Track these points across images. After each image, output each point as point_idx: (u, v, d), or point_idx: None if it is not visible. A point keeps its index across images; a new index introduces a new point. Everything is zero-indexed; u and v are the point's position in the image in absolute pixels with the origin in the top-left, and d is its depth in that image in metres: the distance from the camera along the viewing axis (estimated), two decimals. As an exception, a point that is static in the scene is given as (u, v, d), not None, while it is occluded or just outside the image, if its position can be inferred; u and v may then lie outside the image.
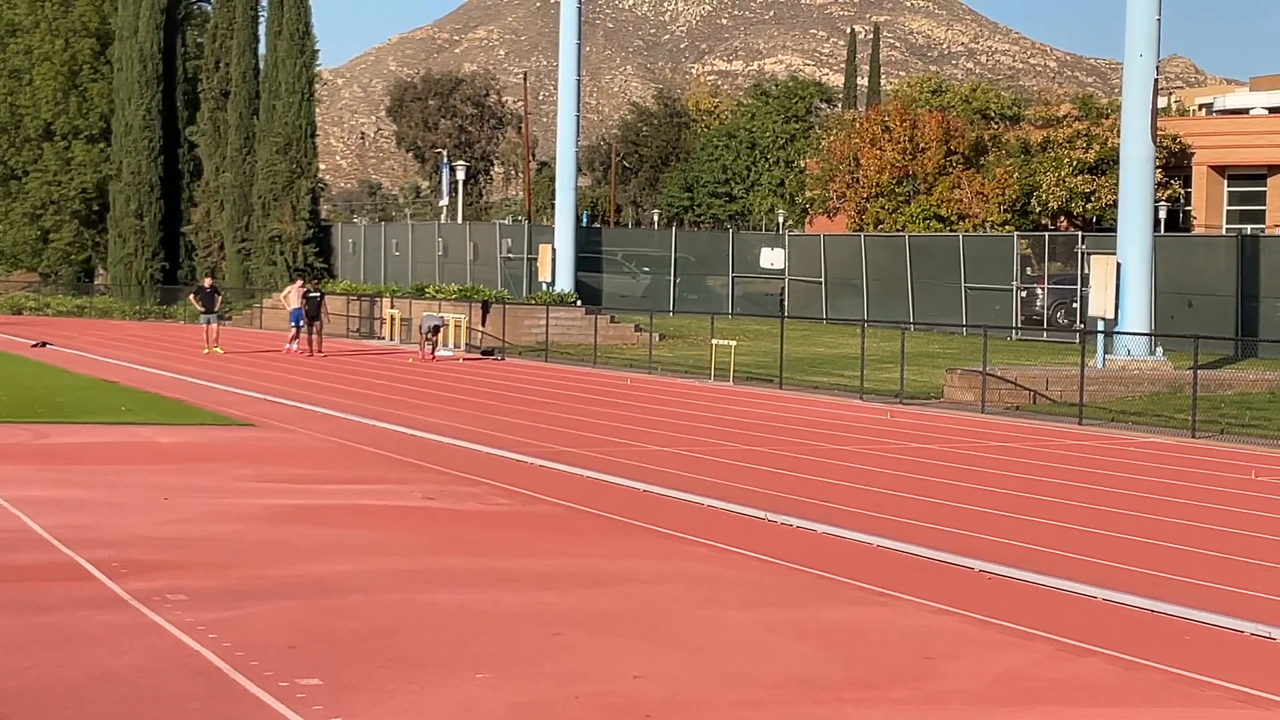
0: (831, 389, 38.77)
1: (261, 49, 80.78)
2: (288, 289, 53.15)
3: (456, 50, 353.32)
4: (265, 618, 12.81)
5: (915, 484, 22.06)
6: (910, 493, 21.14)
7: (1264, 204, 76.89)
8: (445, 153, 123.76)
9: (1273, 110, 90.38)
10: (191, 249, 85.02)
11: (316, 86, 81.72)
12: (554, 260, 60.63)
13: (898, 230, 67.30)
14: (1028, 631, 13.01)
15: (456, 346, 53.24)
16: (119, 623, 12.52)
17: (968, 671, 11.68)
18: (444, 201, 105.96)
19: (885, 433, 29.34)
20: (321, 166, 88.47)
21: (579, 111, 62.30)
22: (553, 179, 71.07)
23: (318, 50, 79.67)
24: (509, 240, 69.41)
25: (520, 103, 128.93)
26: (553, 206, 66.30)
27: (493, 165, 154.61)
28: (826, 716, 10.39)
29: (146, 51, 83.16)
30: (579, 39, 61.69)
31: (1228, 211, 77.93)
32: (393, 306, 60.90)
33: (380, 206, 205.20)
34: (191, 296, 54.61)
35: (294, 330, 50.77)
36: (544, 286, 60.45)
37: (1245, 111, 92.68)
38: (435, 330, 49.07)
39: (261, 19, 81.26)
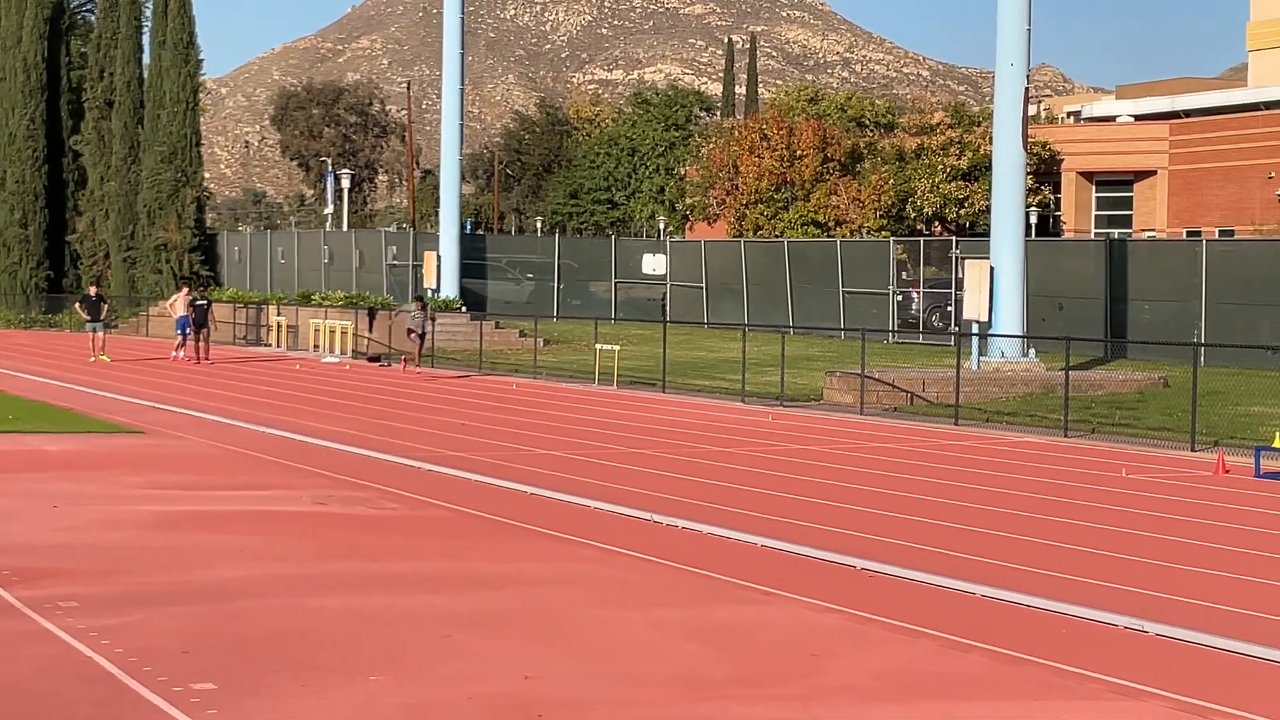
0: (713, 392, 38.89)
1: (146, 58, 79.91)
2: (174, 297, 52.66)
3: (340, 60, 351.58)
4: (158, 623, 12.70)
5: (797, 485, 22.17)
6: (793, 493, 21.25)
7: (1130, 209, 77.96)
8: (330, 161, 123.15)
9: (1138, 118, 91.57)
10: (77, 258, 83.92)
11: (201, 96, 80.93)
12: (439, 267, 60.42)
13: (776, 236, 67.56)
14: (909, 628, 13.11)
15: (343, 353, 52.97)
16: (10, 630, 12.36)
17: (851, 668, 11.76)
18: (329, 209, 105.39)
19: (767, 435, 29.46)
20: (206, 175, 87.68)
21: (462, 120, 62.12)
22: (437, 187, 70.81)
23: (202, 60, 78.89)
24: (394, 247, 69.11)
25: (404, 111, 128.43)
26: (437, 214, 66.03)
27: (377, 173, 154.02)
28: (714, 714, 10.42)
29: (30, 61, 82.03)
30: (462, 48, 61.53)
31: (1096, 216, 78.90)
32: (279, 314, 60.49)
33: (265, 215, 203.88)
34: (77, 305, 54.00)
35: (181, 338, 50.32)
36: (429, 293, 60.22)
37: (1112, 119, 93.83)
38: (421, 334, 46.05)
39: (146, 29, 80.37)
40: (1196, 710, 10.70)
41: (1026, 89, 38.66)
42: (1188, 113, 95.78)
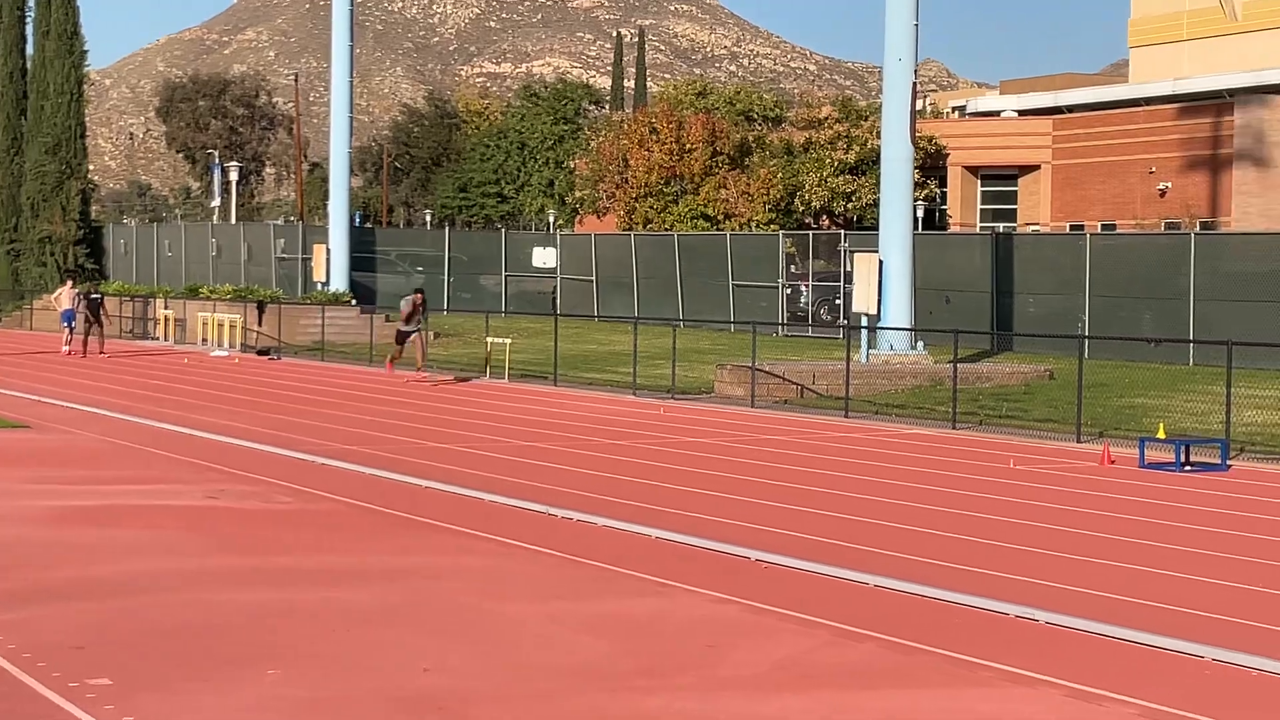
0: (605, 385, 38.94)
1: (29, 49, 78.88)
2: (59, 290, 52.11)
3: (226, 51, 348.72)
4: (51, 619, 12.59)
5: (690, 477, 22.25)
6: (686, 486, 21.32)
7: (1015, 203, 78.70)
8: (216, 153, 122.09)
9: (1022, 113, 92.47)
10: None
11: (85, 87, 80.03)
12: (328, 260, 60.11)
13: (666, 229, 67.73)
14: (804, 618, 13.20)
15: (232, 347, 52.60)
16: (-98, 628, 12.22)
17: (748, 658, 11.83)
18: (216, 202, 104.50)
19: (659, 428, 29.53)
20: (91, 167, 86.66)
21: (351, 112, 61.81)
22: (325, 180, 70.57)
23: (86, 50, 78.03)
24: (283, 240, 68.67)
25: (291, 104, 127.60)
26: (326, 207, 65.72)
27: (264, 166, 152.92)
28: (613, 705, 10.46)
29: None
30: (350, 40, 61.19)
31: (981, 210, 79.60)
32: (166, 307, 59.98)
33: (150, 207, 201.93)
34: (-39, 299, 53.32)
35: (68, 332, 49.77)
36: (319, 286, 59.91)
37: (996, 114, 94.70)
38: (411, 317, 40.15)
39: (29, 19, 79.35)
40: (1087, 697, 10.85)
41: (914, 84, 38.94)
42: (1070, 108, 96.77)
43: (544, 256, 67.60)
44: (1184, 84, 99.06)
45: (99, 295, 50.67)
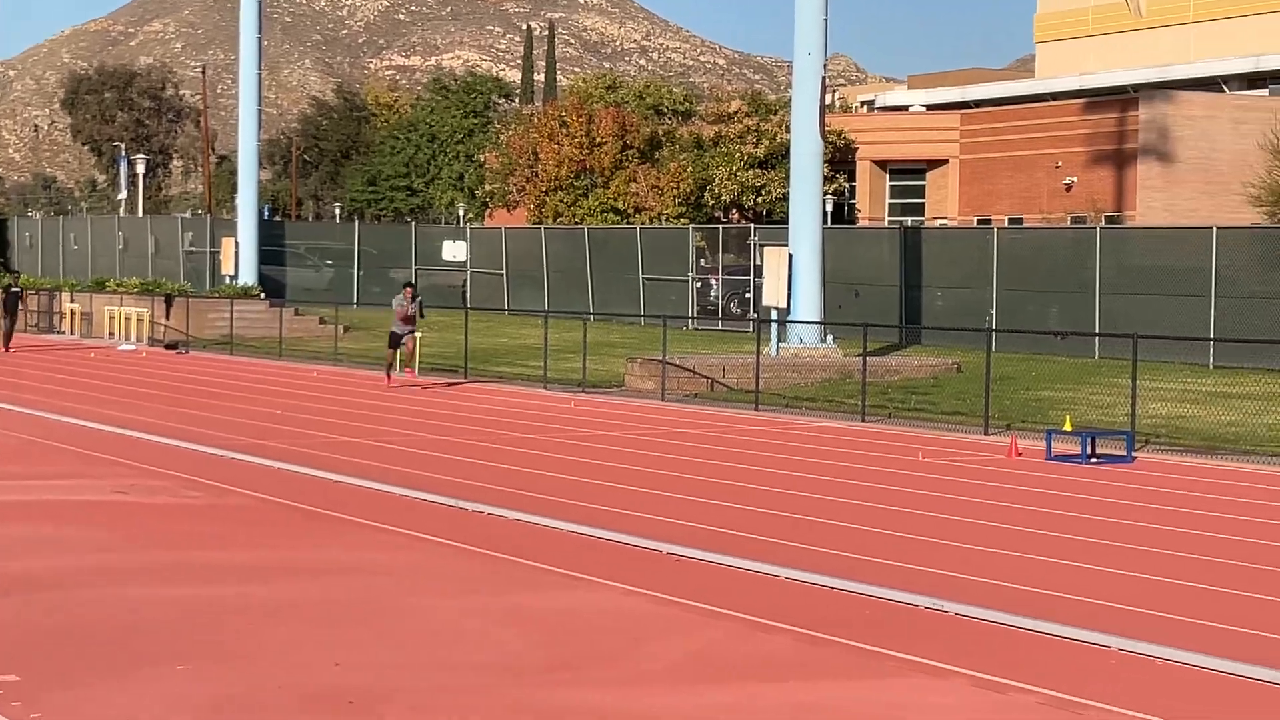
0: (516, 379, 38.92)
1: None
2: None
3: (132, 43, 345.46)
4: (-40, 617, 12.48)
5: (602, 471, 22.29)
6: (598, 479, 21.36)
7: (923, 197, 79.16)
8: (123, 146, 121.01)
9: (930, 108, 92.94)
10: None
11: (-10, 79, 79.19)
12: (237, 253, 59.69)
13: (576, 223, 67.67)
14: (717, 611, 13.27)
15: (139, 341, 52.19)
16: None
17: (662, 651, 11.88)
18: (123, 195, 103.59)
19: (570, 421, 29.55)
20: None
21: (259, 105, 61.39)
22: (233, 173, 69.96)
23: (-10, 42, 77.17)
24: (191, 234, 68.16)
25: (198, 96, 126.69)
26: (234, 200, 65.22)
27: (172, 159, 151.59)
28: (529, 699, 10.49)
29: None
30: (259, 32, 60.77)
31: (890, 204, 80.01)
32: (73, 301, 59.44)
33: (55, 200, 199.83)
34: None
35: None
36: (227, 280, 59.50)
37: (905, 109, 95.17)
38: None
39: (-69, 10, 78.44)
40: (995, 686, 10.97)
41: (823, 78, 39.08)
42: (978, 103, 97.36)
43: (454, 250, 67.42)
44: (1090, 79, 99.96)
45: (19, 289, 50.19)
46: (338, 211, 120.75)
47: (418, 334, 37.09)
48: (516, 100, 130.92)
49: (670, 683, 10.99)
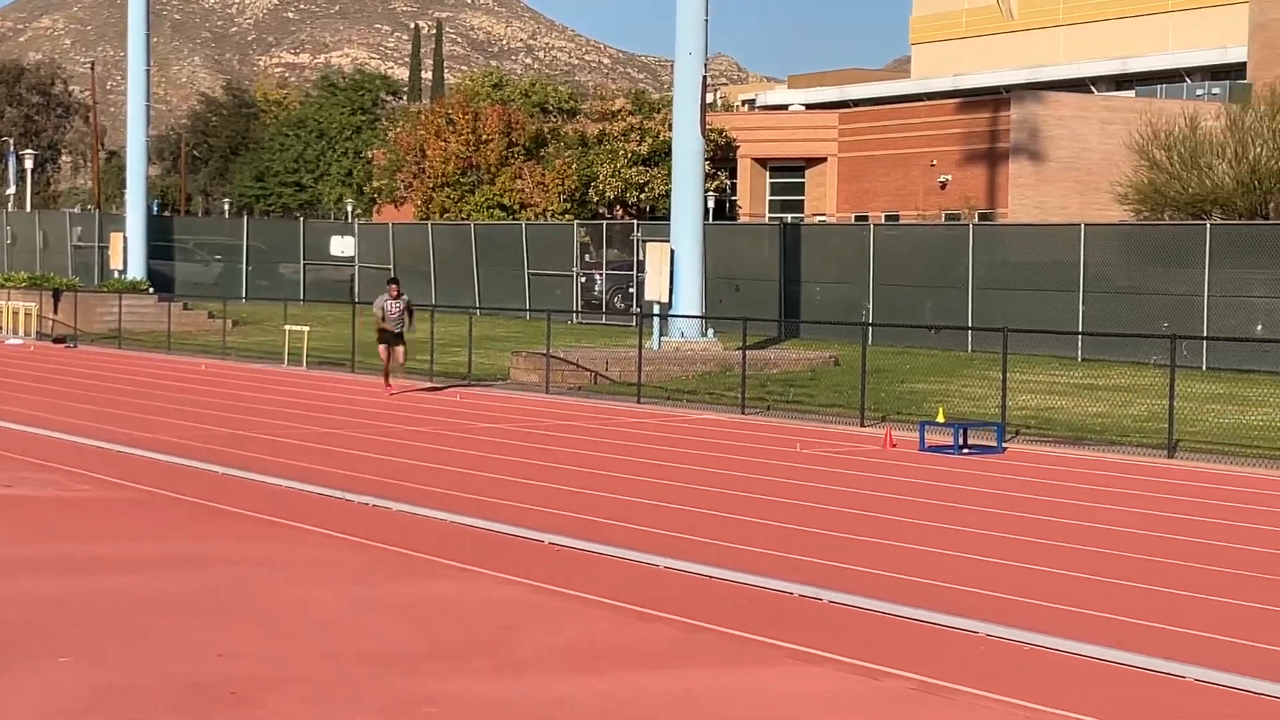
0: (402, 372, 38.67)
1: None
2: None
3: (21, 39, 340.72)
4: None
5: (485, 462, 22.22)
6: (481, 471, 21.29)
7: (802, 194, 79.53)
8: (11, 141, 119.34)
9: (809, 107, 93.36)
10: None
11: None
12: (125, 248, 59.02)
13: (463, 219, 67.41)
14: (595, 600, 13.25)
15: (27, 335, 51.50)
16: None
17: (541, 640, 11.85)
18: (11, 190, 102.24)
19: (455, 414, 29.43)
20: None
21: (148, 101, 60.70)
22: (122, 168, 69.07)
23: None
24: (80, 228, 67.40)
25: (87, 92, 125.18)
26: (123, 195, 64.42)
27: (61, 154, 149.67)
28: (408, 688, 10.43)
29: None
30: (147, 29, 60.09)
31: (770, 201, 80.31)
32: (-40, 295, 58.53)
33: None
34: None
35: None
36: (116, 274, 58.82)
37: (784, 108, 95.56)
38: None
39: None
40: (867, 672, 11.02)
41: (704, 78, 39.15)
42: (856, 102, 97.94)
43: (342, 245, 67.03)
44: (963, 80, 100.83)
45: None
46: (227, 207, 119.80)
47: (401, 346, 33.53)
48: (404, 98, 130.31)
49: (548, 671, 10.96)
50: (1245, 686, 10.71)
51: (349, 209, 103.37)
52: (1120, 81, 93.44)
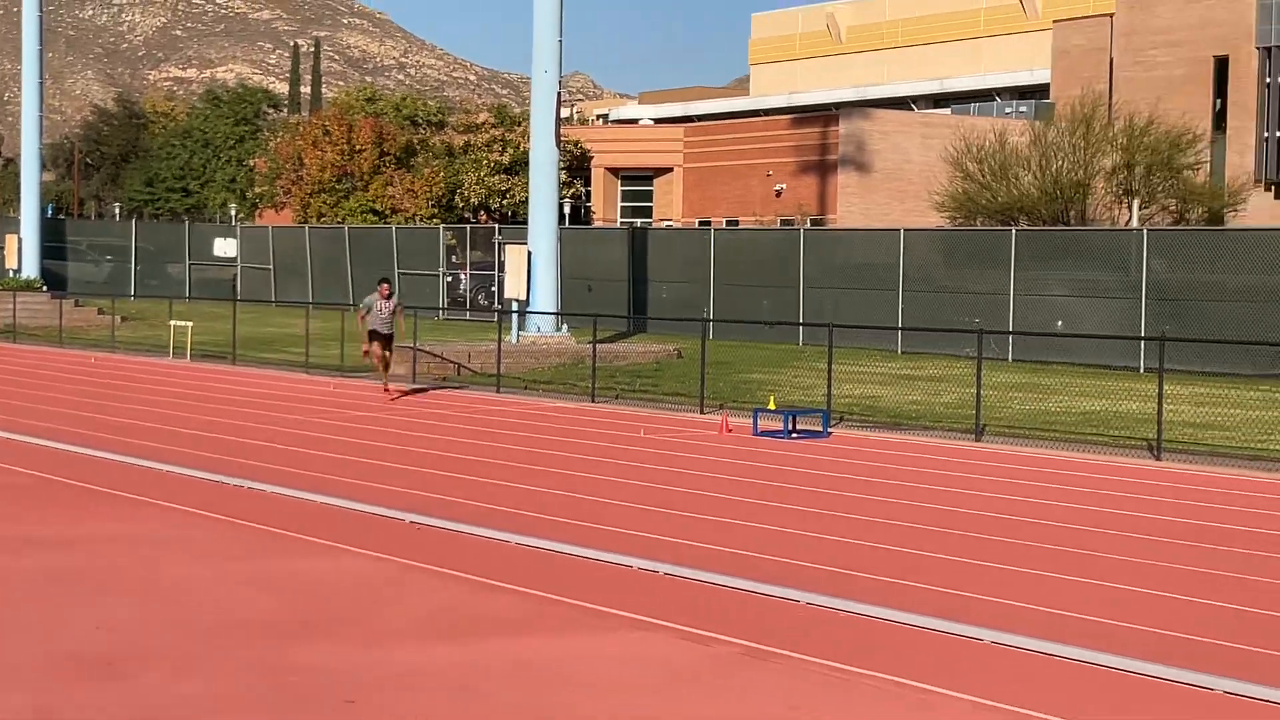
0: (280, 365, 38.30)
1: None
2: None
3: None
4: None
5: (355, 447, 22.05)
6: (350, 455, 21.13)
7: (651, 201, 79.68)
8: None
9: (658, 121, 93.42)
10: None
11: None
12: (20, 249, 58.00)
13: (338, 223, 66.88)
14: (453, 574, 13.21)
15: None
16: None
17: (402, 612, 11.80)
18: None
19: (329, 402, 29.18)
20: None
21: (42, 111, 59.63)
22: (18, 174, 67.78)
23: None
24: (-23, 231, 66.07)
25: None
26: (19, 200, 63.17)
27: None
28: (274, 657, 10.34)
29: None
30: (40, 44, 59.01)
31: (621, 207, 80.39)
32: None
33: None
34: None
35: None
36: (11, 273, 57.75)
37: (635, 122, 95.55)
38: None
39: None
40: (700, 639, 11.07)
41: (559, 94, 39.09)
42: (700, 117, 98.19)
43: (225, 247, 66.24)
44: (797, 98, 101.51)
45: None
46: (117, 210, 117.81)
47: (390, 350, 30.42)
48: (284, 110, 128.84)
49: (409, 640, 10.91)
50: (1019, 644, 10.89)
51: (232, 213, 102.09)
52: (938, 100, 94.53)
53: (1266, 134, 62.84)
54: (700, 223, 71.64)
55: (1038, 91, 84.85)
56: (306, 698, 9.41)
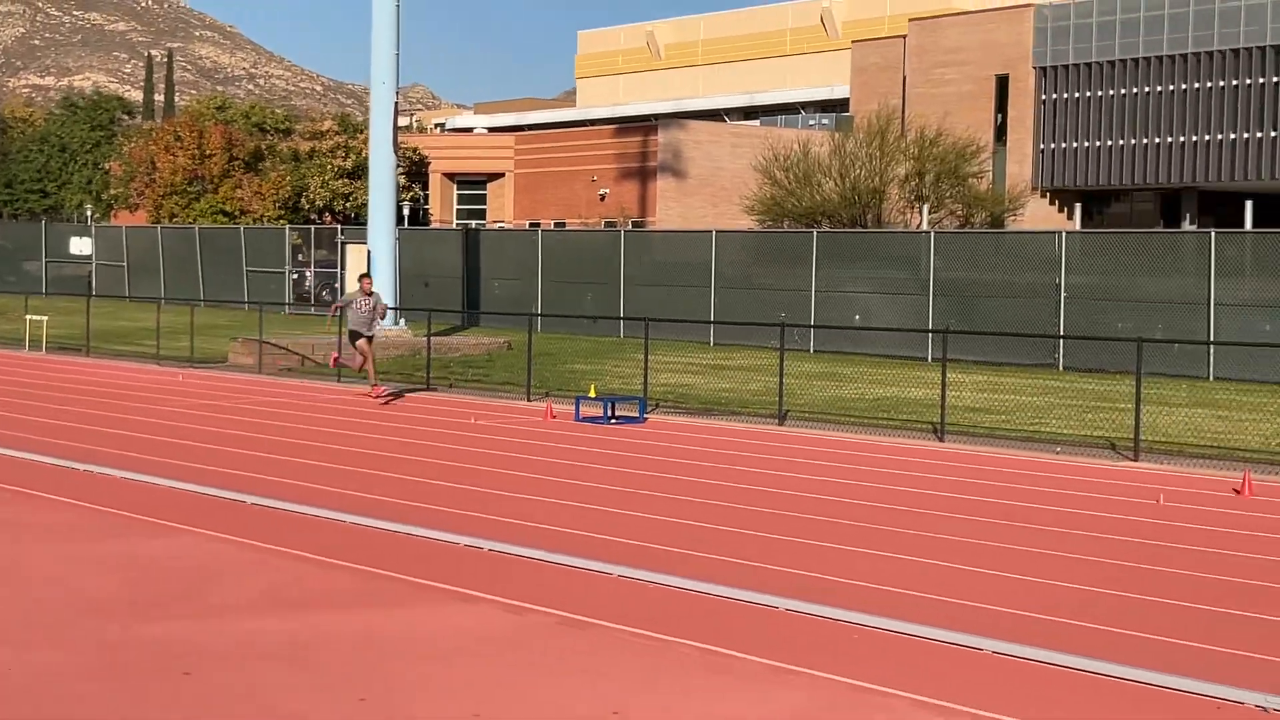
0: (132, 356, 37.51)
1: None
2: None
3: None
4: None
5: (200, 434, 21.65)
6: (195, 441, 20.73)
7: (485, 204, 79.41)
8: None
9: (492, 130, 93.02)
10: None
11: None
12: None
13: (189, 223, 65.71)
14: (290, 552, 13.02)
15: None
16: None
17: (239, 588, 11.60)
18: None
19: (178, 392, 28.62)
20: None
21: (-98, 117, 57.93)
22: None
23: None
24: None
25: None
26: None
27: None
28: (110, 632, 10.10)
29: None
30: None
31: (457, 210, 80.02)
32: None
33: None
34: None
35: None
36: None
37: (470, 130, 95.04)
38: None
39: None
40: (517, 610, 11.02)
41: (396, 103, 38.75)
42: (530, 127, 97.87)
43: (80, 245, 64.77)
44: (620, 109, 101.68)
45: None
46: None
47: (371, 343, 27.33)
48: (139, 117, 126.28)
49: (243, 614, 10.73)
50: (813, 611, 11.00)
51: (89, 213, 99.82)
52: (748, 112, 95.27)
53: (1042, 146, 64.23)
54: (530, 224, 71.51)
55: (838, 106, 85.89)
56: (146, 670, 9.20)
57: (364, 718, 8.37)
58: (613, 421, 24.01)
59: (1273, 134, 57.79)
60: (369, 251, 38.06)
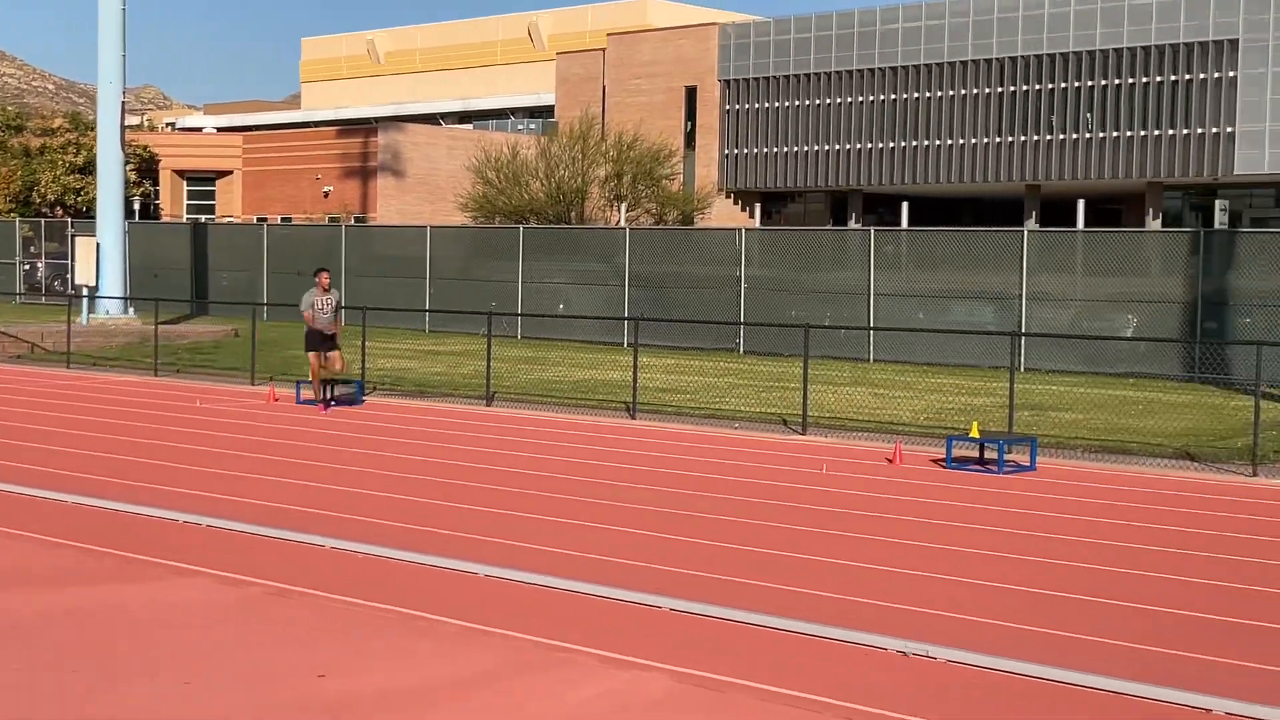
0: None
1: None
2: None
3: None
4: None
5: (-72, 421, 20.60)
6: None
7: (214, 199, 77.42)
8: None
9: (221, 129, 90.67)
10: None
11: None
12: None
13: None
14: (18, 534, 12.52)
15: None
16: None
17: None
18: None
19: (-94, 380, 27.18)
20: None
21: None
22: None
23: None
24: None
25: None
26: None
27: None
28: None
29: None
30: None
31: (188, 205, 77.86)
32: None
33: None
34: None
35: None
36: None
37: (200, 129, 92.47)
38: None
39: None
40: (234, 583, 10.80)
41: (125, 102, 37.47)
42: (258, 127, 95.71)
43: None
44: (343, 112, 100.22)
45: None
46: None
47: (336, 350, 23.39)
48: None
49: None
50: (511, 577, 11.07)
51: None
52: (463, 117, 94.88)
53: (727, 151, 65.59)
54: (258, 219, 69.96)
55: (545, 112, 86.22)
56: None
57: (76, 688, 8.10)
58: (332, 404, 23.65)
59: (925, 142, 60.16)
60: (98, 244, 36.72)
